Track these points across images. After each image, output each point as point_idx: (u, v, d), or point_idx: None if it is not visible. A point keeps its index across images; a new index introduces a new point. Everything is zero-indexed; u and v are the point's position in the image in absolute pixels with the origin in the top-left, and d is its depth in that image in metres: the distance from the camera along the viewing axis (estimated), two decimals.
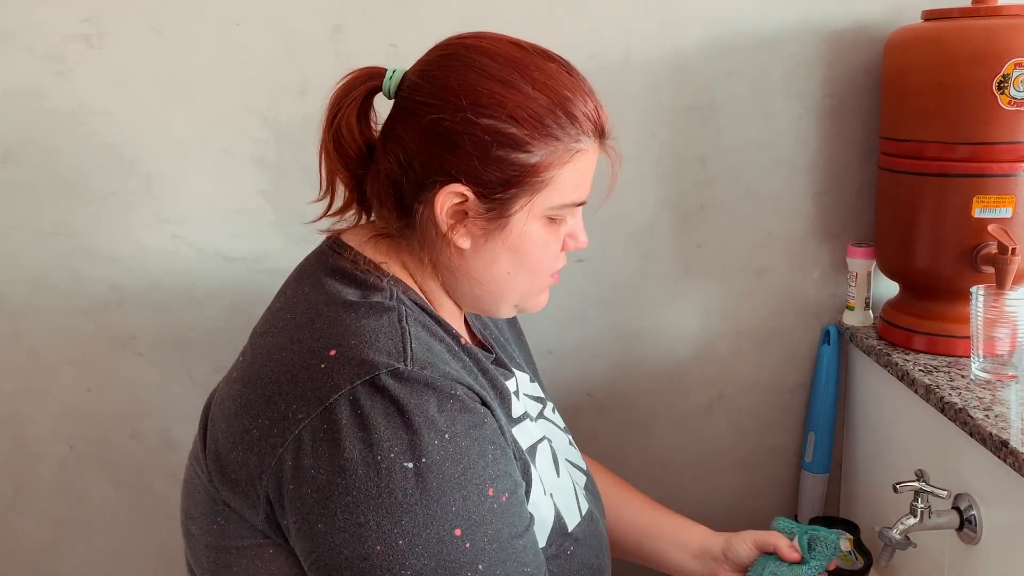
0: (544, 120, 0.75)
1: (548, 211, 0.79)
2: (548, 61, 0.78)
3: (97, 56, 1.17)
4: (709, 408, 1.40)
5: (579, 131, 0.77)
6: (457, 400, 0.71)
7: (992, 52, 1.05)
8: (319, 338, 0.73)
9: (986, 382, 1.08)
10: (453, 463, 0.69)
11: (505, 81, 0.75)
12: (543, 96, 0.75)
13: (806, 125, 1.29)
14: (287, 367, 0.72)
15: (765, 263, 1.34)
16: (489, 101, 0.74)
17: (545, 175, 0.76)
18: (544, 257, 0.81)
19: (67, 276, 1.25)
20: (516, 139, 0.74)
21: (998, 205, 1.09)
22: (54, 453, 1.32)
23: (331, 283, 0.79)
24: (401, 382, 0.69)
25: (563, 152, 0.77)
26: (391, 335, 0.73)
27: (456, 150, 0.75)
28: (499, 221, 0.77)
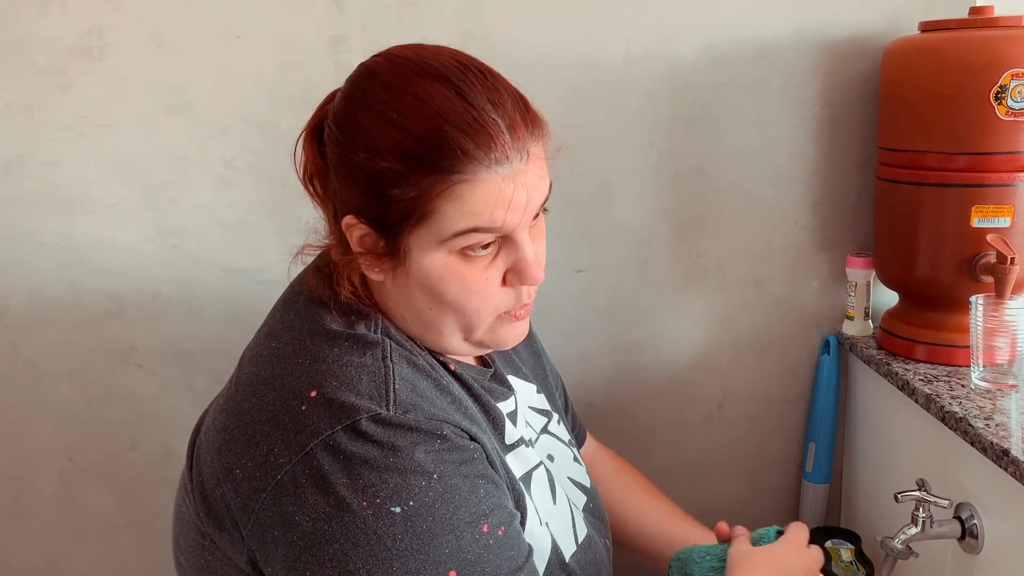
0: (414, 153, 0.68)
1: (444, 244, 0.72)
2: (437, 83, 0.70)
3: (99, 68, 1.18)
4: (709, 418, 1.40)
5: (462, 161, 0.68)
6: (444, 440, 0.69)
7: (989, 63, 1.06)
8: (300, 376, 0.70)
9: (986, 391, 1.08)
10: (443, 503, 0.67)
11: (377, 111, 0.70)
12: (415, 126, 0.69)
13: (804, 135, 1.29)
14: (268, 406, 0.70)
15: (764, 273, 1.34)
16: (360, 134, 0.71)
17: (424, 208, 0.70)
18: (463, 295, 0.74)
19: (67, 287, 1.25)
20: (385, 175, 0.69)
21: (996, 215, 1.10)
22: (54, 465, 1.31)
23: (315, 310, 0.76)
24: (384, 426, 0.67)
25: (442, 184, 0.69)
26: (374, 375, 0.70)
27: (344, 183, 0.73)
28: (397, 256, 0.73)
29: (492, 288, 0.75)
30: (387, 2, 1.19)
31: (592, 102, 1.25)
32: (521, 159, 0.71)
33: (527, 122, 0.72)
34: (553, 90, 1.24)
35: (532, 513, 0.79)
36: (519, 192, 0.71)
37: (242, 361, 0.79)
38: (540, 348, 1.06)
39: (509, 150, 0.70)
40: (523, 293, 0.78)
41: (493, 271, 0.75)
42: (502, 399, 0.85)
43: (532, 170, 0.73)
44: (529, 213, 0.73)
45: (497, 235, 0.73)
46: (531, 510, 0.79)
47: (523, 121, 0.72)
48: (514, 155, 0.71)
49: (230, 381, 0.79)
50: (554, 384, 1.05)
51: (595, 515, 0.93)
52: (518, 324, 0.80)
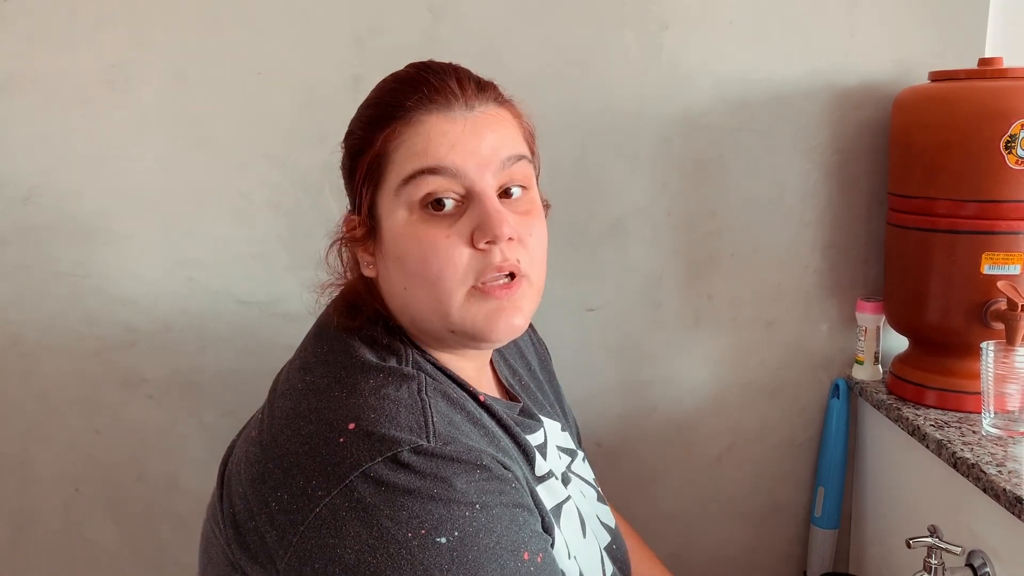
0: (368, 117, 0.77)
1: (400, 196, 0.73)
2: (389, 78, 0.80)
3: (121, 101, 1.20)
4: (718, 460, 1.40)
5: (406, 110, 0.74)
6: (484, 470, 0.69)
7: (999, 112, 1.08)
8: (337, 408, 0.70)
9: (997, 438, 1.08)
10: (487, 533, 0.67)
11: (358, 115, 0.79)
12: (372, 97, 0.78)
13: (815, 180, 1.31)
14: (305, 438, 0.70)
15: (774, 315, 1.35)
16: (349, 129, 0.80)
17: (377, 159, 0.75)
18: (426, 254, 0.73)
19: (81, 317, 1.26)
20: (353, 146, 0.77)
21: (1007, 262, 1.11)
22: (59, 495, 1.31)
23: (348, 343, 0.77)
24: (425, 458, 0.67)
25: (390, 132, 0.74)
26: (411, 408, 0.71)
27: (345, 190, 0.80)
28: (375, 231, 0.77)
29: (453, 248, 0.73)
30: (406, 42, 1.21)
31: (606, 144, 1.27)
32: (466, 107, 0.75)
33: (470, 79, 0.77)
34: (568, 132, 1.26)
35: (561, 545, 0.79)
36: (467, 136, 0.73)
37: (274, 394, 0.79)
38: (559, 386, 1.07)
39: (449, 95, 0.74)
40: (494, 254, 0.73)
41: (455, 232, 0.73)
42: (531, 432, 0.85)
43: (484, 122, 0.75)
44: (485, 161, 0.74)
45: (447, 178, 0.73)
46: (560, 542, 0.79)
47: (467, 78, 0.77)
48: (456, 102, 0.74)
49: (261, 412, 0.79)
50: (572, 423, 1.05)
51: (618, 556, 0.93)
52: (497, 305, 0.74)
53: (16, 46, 1.18)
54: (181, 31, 1.19)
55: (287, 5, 1.19)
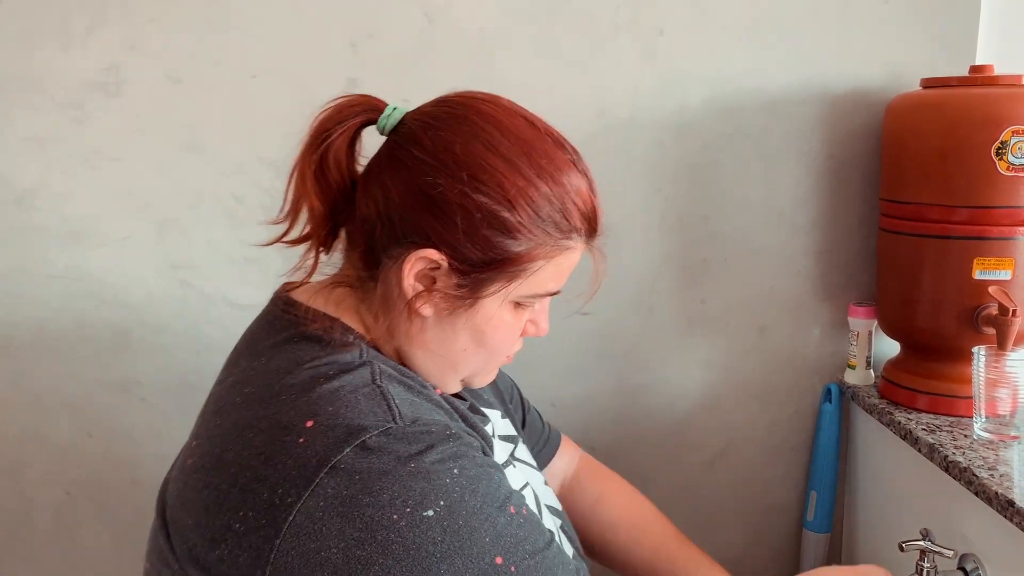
0: (541, 212, 0.72)
1: (520, 299, 0.76)
2: (559, 149, 0.75)
3: (115, 104, 1.20)
4: (711, 464, 1.40)
5: (572, 228, 0.74)
6: (455, 437, 0.69)
7: (990, 119, 1.09)
8: (289, 410, 0.67)
9: (989, 442, 1.08)
10: (471, 495, 0.66)
11: (511, 162, 0.72)
12: (546, 187, 0.72)
13: (808, 185, 1.31)
14: (258, 449, 0.66)
15: (767, 320, 1.35)
16: (490, 179, 0.71)
17: (528, 266, 0.73)
18: (505, 341, 0.78)
19: (73, 319, 1.25)
20: (508, 224, 0.71)
21: (998, 267, 1.11)
22: (51, 499, 1.30)
23: (290, 347, 0.73)
24: (394, 438, 0.66)
25: (551, 247, 0.74)
26: (370, 396, 0.69)
27: (442, 218, 0.71)
28: (468, 300, 0.74)
29: (518, 336, 0.80)
30: (401, 47, 1.22)
31: (600, 148, 1.27)
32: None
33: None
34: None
35: None
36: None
37: (205, 417, 0.75)
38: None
39: (600, 225, 0.78)
40: (521, 341, 0.82)
41: (523, 321, 0.79)
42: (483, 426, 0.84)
43: None
44: None
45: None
46: None
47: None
48: (595, 232, 0.79)
49: (193, 439, 0.74)
50: (508, 396, 1.03)
51: (572, 536, 0.92)
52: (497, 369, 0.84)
53: (9, 48, 1.17)
54: (175, 34, 1.19)
55: (282, 8, 1.19)
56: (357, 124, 0.76)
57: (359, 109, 0.76)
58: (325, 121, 0.76)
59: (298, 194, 0.77)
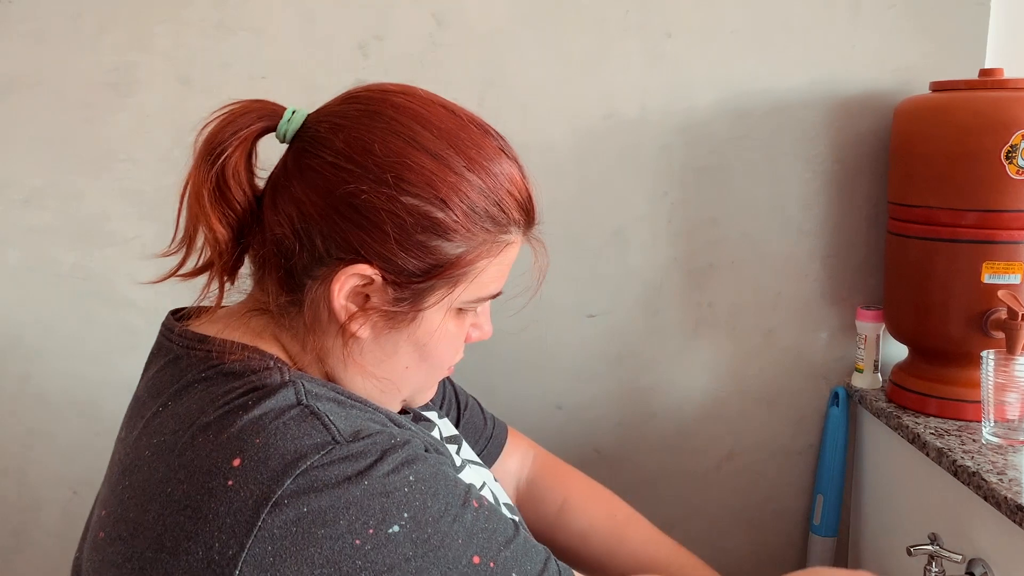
0: (476, 207, 0.66)
1: (464, 304, 0.70)
2: (486, 136, 0.68)
3: (124, 104, 1.20)
4: (717, 468, 1.40)
5: (510, 221, 0.69)
6: (401, 446, 0.63)
7: (1000, 123, 1.08)
8: (210, 453, 0.59)
9: (997, 446, 1.08)
10: (433, 498, 0.62)
11: (437, 156, 0.65)
12: (478, 179, 0.66)
13: (815, 188, 1.31)
14: (181, 503, 0.58)
15: (774, 324, 1.35)
16: (417, 178, 0.64)
17: (469, 268, 0.67)
18: (449, 352, 0.73)
19: (81, 319, 1.26)
20: (443, 225, 0.65)
21: (1007, 271, 1.11)
22: (58, 498, 1.31)
23: (202, 386, 0.64)
24: (339, 460, 0.59)
25: (491, 244, 0.68)
26: (300, 418, 0.61)
27: (370, 228, 0.64)
28: (409, 313, 0.67)
29: (461, 344, 0.74)
30: (409, 48, 1.22)
31: (608, 151, 1.28)
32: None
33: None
34: (569, 138, 1.26)
35: None
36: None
37: (111, 482, 0.66)
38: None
39: (536, 213, 0.72)
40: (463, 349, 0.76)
41: (466, 327, 0.74)
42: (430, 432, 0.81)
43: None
44: None
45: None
46: None
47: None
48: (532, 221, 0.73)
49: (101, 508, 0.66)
50: (441, 392, 0.96)
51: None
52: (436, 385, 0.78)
53: (19, 48, 1.18)
54: (184, 35, 1.19)
55: (291, 10, 1.20)
56: (255, 132, 0.68)
57: (254, 116, 0.68)
58: (217, 132, 0.67)
59: (193, 219, 0.68)
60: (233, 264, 0.70)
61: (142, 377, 0.73)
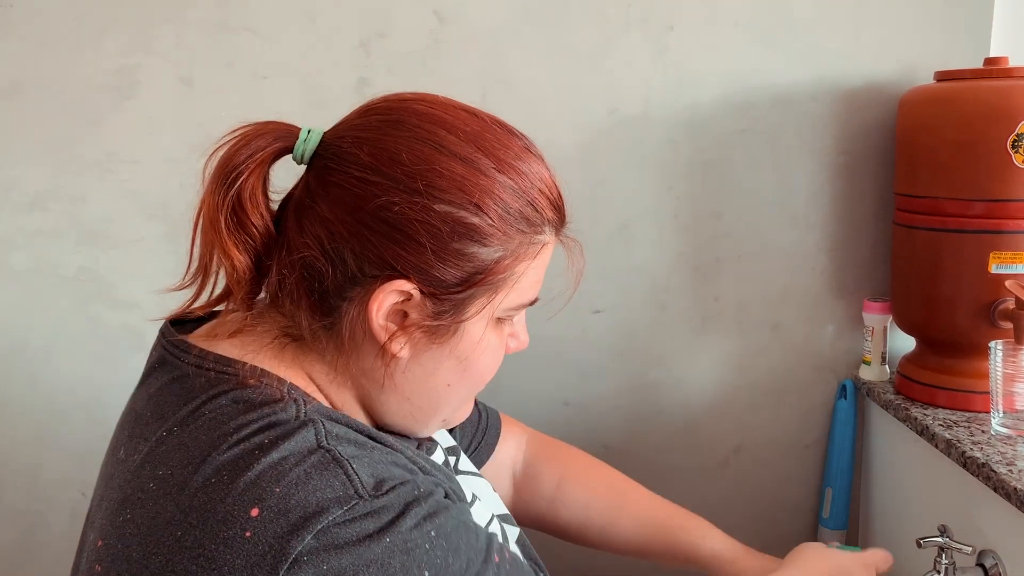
0: (510, 209, 0.64)
1: (504, 312, 0.68)
2: (512, 137, 0.67)
3: (127, 106, 1.20)
4: (725, 462, 1.40)
5: (544, 220, 0.67)
6: (424, 499, 0.60)
7: (1006, 112, 1.08)
8: (224, 498, 0.56)
9: (1007, 437, 1.08)
10: (455, 555, 0.60)
11: (466, 160, 0.63)
12: (509, 180, 0.64)
13: (821, 181, 1.31)
14: (192, 551, 0.55)
15: (781, 317, 1.35)
16: (449, 184, 0.62)
17: (508, 273, 0.65)
18: (490, 364, 0.70)
19: (87, 321, 1.26)
20: (478, 230, 0.63)
21: (1015, 261, 1.10)
22: (66, 500, 1.31)
23: (212, 414, 0.61)
24: (363, 516, 0.56)
25: (528, 246, 0.66)
26: (322, 466, 0.57)
27: (405, 240, 0.62)
28: (450, 327, 0.65)
29: (501, 356, 0.72)
30: (412, 46, 1.22)
31: (612, 146, 1.27)
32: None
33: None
34: (573, 134, 1.26)
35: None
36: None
37: (108, 509, 0.62)
38: None
39: (566, 211, 0.70)
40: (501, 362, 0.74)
41: (505, 338, 0.71)
42: (431, 453, 0.78)
43: None
44: None
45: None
46: None
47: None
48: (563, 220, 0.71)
49: (96, 538, 0.62)
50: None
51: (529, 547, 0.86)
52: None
53: (22, 51, 1.18)
54: (187, 36, 1.19)
55: (293, 9, 1.20)
56: (271, 155, 0.66)
57: (270, 138, 0.67)
58: (232, 156, 0.65)
59: (209, 247, 0.66)
60: (250, 292, 0.67)
61: (140, 388, 0.70)
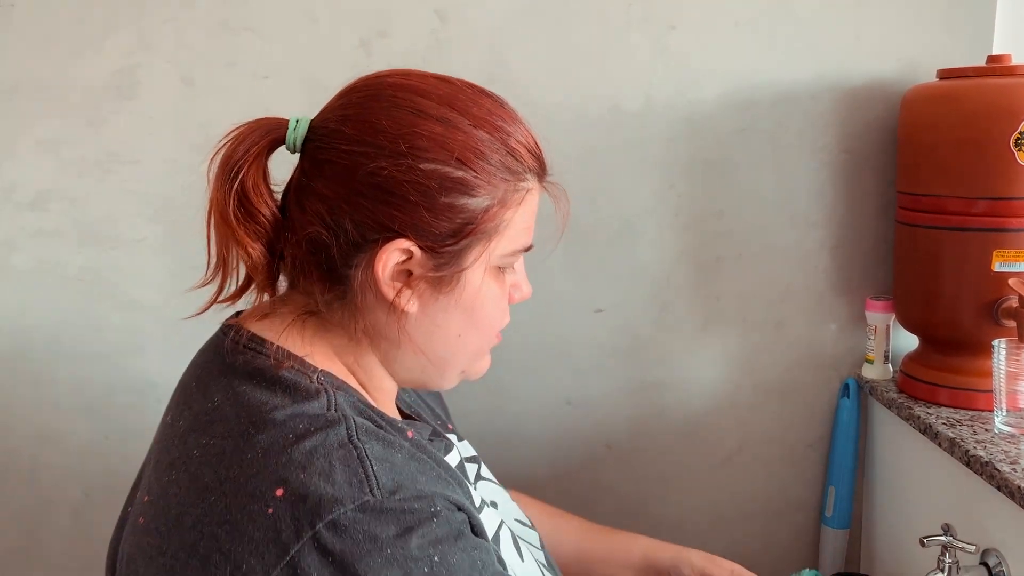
0: (492, 160, 0.68)
1: (500, 260, 0.72)
2: (483, 96, 0.71)
3: (128, 106, 1.20)
4: (728, 461, 1.39)
5: (524, 168, 0.71)
6: (436, 518, 0.62)
7: (1008, 110, 1.07)
8: (256, 473, 0.60)
9: (1010, 436, 1.07)
10: None
11: (443, 120, 0.68)
12: (486, 134, 0.69)
13: (823, 179, 1.30)
14: (221, 516, 0.60)
15: (783, 316, 1.34)
16: (430, 143, 0.66)
17: (498, 220, 0.70)
18: (496, 313, 0.74)
19: (90, 322, 1.26)
20: (465, 182, 0.67)
21: (1017, 259, 1.10)
22: (69, 500, 1.31)
23: (249, 391, 0.66)
24: (373, 515, 0.59)
25: (513, 193, 0.70)
26: (346, 460, 0.61)
27: (398, 201, 0.66)
28: (451, 277, 0.69)
29: (506, 305, 0.76)
30: (413, 46, 1.22)
31: (613, 145, 1.27)
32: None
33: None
34: (575, 133, 1.26)
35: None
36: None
37: (158, 467, 0.68)
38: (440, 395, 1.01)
39: (545, 159, 0.74)
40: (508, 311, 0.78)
41: (507, 287, 0.76)
42: (447, 453, 0.80)
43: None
44: None
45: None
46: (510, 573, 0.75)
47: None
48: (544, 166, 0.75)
49: (144, 493, 0.67)
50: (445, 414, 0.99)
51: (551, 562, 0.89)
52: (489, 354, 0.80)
53: (24, 52, 1.18)
54: (188, 36, 1.19)
55: (294, 9, 1.20)
56: (266, 145, 0.71)
57: (263, 131, 0.71)
58: (231, 152, 0.70)
59: (223, 241, 0.71)
60: (269, 277, 0.72)
61: (192, 361, 0.76)
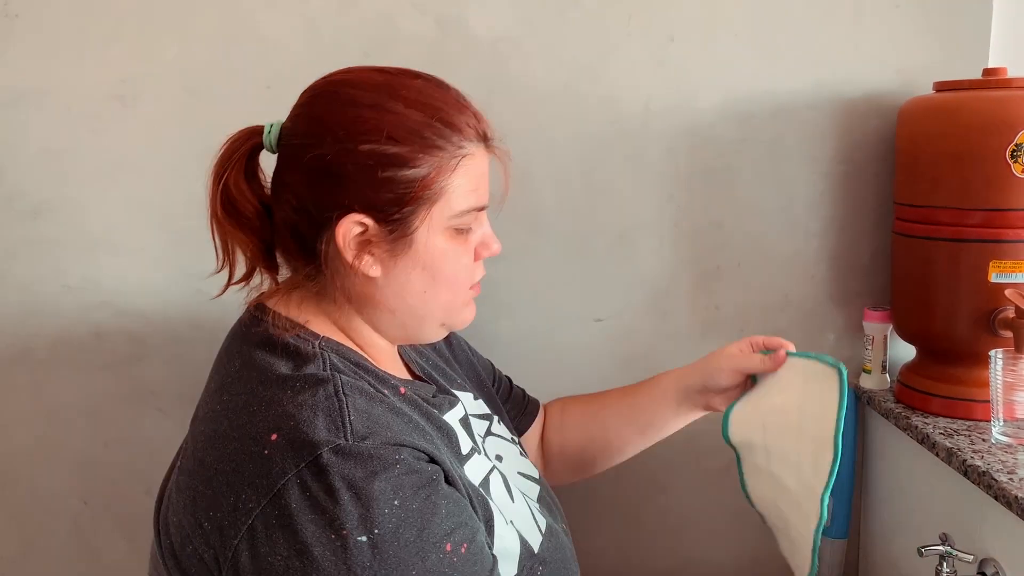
0: (423, 133, 0.77)
1: (449, 221, 0.80)
2: (415, 79, 0.80)
3: (130, 115, 1.21)
4: (726, 470, 1.39)
5: (461, 137, 0.79)
6: (403, 464, 0.71)
7: (1005, 122, 1.08)
8: (258, 422, 0.72)
9: (1007, 446, 1.08)
10: (407, 527, 0.69)
11: (376, 105, 0.77)
12: (416, 112, 0.77)
13: (821, 190, 1.31)
14: (230, 456, 0.72)
15: (781, 326, 1.35)
16: (365, 127, 0.76)
17: (436, 186, 0.77)
18: (457, 270, 0.82)
19: (90, 330, 1.26)
20: (399, 157, 0.76)
21: (1014, 270, 1.11)
22: (68, 508, 1.31)
23: (261, 357, 0.78)
24: (343, 457, 0.69)
25: (448, 160, 0.78)
26: (329, 410, 0.72)
27: (343, 181, 0.76)
28: (403, 241, 0.78)
29: (470, 262, 0.84)
30: (413, 54, 1.22)
31: (612, 154, 1.28)
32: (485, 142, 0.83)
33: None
34: (574, 142, 1.27)
35: (497, 515, 0.82)
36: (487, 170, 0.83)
37: (195, 421, 0.82)
38: (468, 350, 1.11)
39: (488, 127, 0.82)
40: (482, 265, 0.87)
41: (470, 248, 0.83)
42: (450, 409, 0.89)
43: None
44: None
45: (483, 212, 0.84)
46: (496, 512, 0.83)
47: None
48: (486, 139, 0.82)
49: (185, 443, 0.82)
50: (488, 379, 1.10)
51: (549, 502, 0.97)
52: (472, 304, 0.88)
53: (26, 61, 1.19)
54: (190, 46, 1.20)
55: (295, 19, 1.20)
56: (245, 152, 0.82)
57: (244, 137, 0.83)
58: (220, 162, 0.82)
59: (223, 235, 0.83)
60: (268, 260, 0.85)
61: (227, 335, 0.87)
